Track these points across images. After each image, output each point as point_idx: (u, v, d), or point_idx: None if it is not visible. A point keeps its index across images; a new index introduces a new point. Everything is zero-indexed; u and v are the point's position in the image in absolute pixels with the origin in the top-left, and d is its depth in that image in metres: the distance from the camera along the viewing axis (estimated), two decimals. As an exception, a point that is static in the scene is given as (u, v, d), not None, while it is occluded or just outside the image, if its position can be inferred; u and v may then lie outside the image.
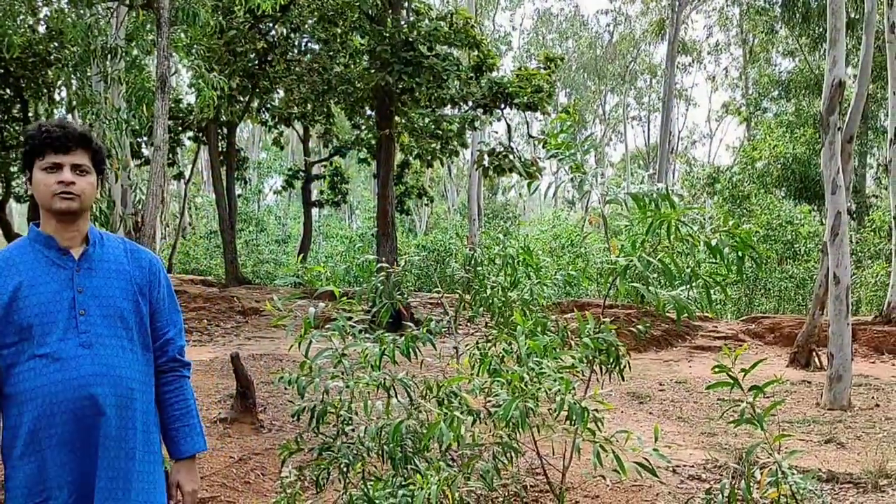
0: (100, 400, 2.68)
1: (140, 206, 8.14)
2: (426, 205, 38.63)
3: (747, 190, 25.26)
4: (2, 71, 22.72)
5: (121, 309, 2.80)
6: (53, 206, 2.73)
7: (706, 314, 18.59)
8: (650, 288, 3.79)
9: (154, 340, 2.94)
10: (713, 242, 3.44)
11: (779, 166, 25.20)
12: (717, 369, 3.52)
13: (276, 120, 25.56)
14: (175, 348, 2.99)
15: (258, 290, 22.34)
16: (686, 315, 3.81)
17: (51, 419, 2.66)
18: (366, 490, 4.30)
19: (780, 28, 31.23)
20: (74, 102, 6.94)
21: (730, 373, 3.48)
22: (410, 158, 24.77)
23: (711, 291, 3.70)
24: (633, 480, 5.83)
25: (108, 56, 6.85)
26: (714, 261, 3.65)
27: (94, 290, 2.77)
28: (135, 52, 7.20)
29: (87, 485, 2.69)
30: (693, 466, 6.72)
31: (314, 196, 30.59)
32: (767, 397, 9.61)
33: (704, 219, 3.65)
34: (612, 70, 55.44)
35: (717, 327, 18.31)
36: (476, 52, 18.82)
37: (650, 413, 9.88)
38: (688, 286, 3.76)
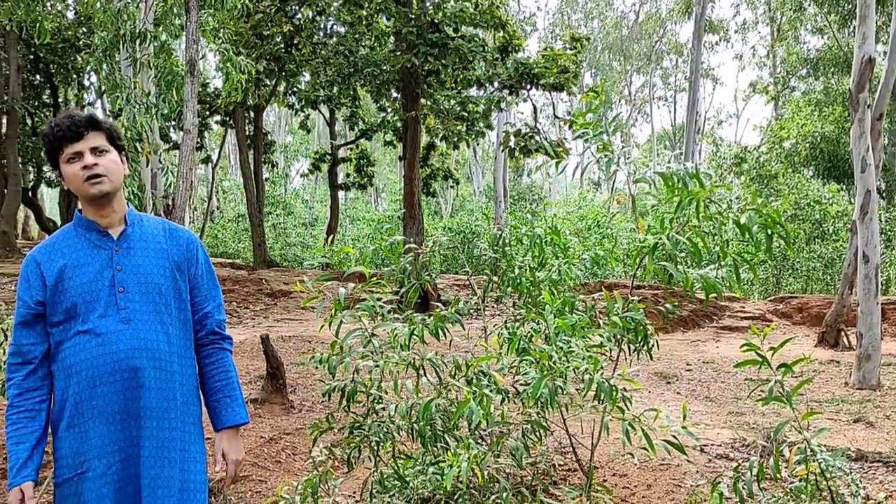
0: (140, 372, 2.78)
1: (171, 190, 8.22)
2: (452, 187, 38.62)
3: (775, 169, 25.05)
4: (32, 57, 22.95)
5: (159, 285, 2.90)
6: (88, 193, 2.85)
7: (733, 294, 18.53)
8: (678, 267, 3.80)
9: (193, 315, 3.03)
10: (742, 220, 3.44)
11: (807, 145, 24.97)
12: (745, 348, 3.53)
13: (303, 103, 25.61)
14: (214, 321, 3.08)
15: (286, 272, 22.47)
16: (714, 294, 3.82)
17: (93, 391, 2.77)
18: (396, 468, 4.36)
19: (809, 5, 30.83)
20: (104, 87, 7.01)
21: (758, 351, 3.48)
22: (436, 141, 24.76)
23: (740, 270, 3.70)
24: (661, 459, 5.85)
25: (138, 41, 6.91)
26: (742, 240, 3.65)
27: (132, 268, 2.87)
28: (163, 36, 7.24)
29: (131, 455, 2.79)
30: (721, 445, 6.72)
31: (340, 179, 30.65)
32: (795, 377, 9.58)
33: (731, 199, 3.64)
34: (638, 50, 55.09)
35: (744, 307, 18.23)
36: (501, 33, 18.76)
37: (677, 393, 9.88)
38: (716, 265, 3.77)
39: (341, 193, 32.21)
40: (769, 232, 3.45)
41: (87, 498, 2.76)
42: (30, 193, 26.79)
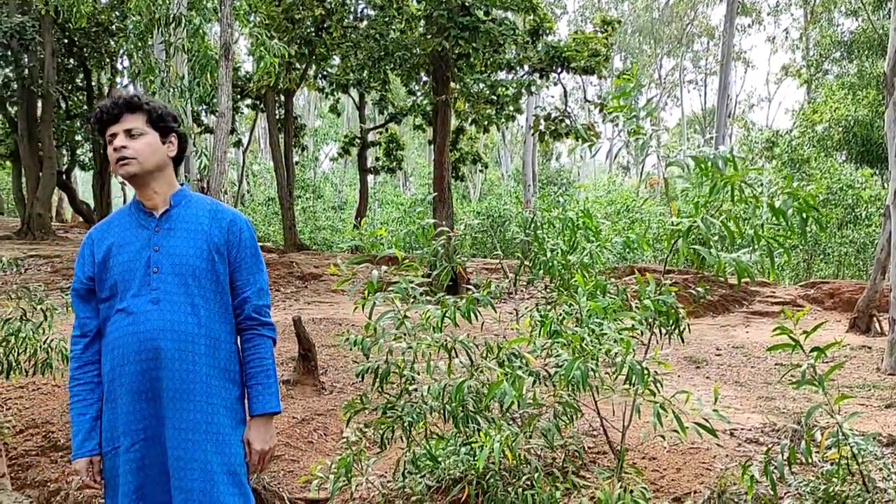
0: (163, 353, 2.82)
1: (205, 173, 8.28)
2: (480, 171, 38.59)
3: (807, 154, 24.79)
4: (66, 41, 23.13)
5: (193, 267, 2.91)
6: (117, 173, 2.93)
7: (764, 279, 18.41)
8: (711, 251, 3.80)
9: (233, 299, 3.04)
10: (777, 204, 3.44)
11: (840, 129, 24.64)
12: (777, 332, 3.53)
13: (333, 87, 25.66)
14: (251, 307, 3.03)
15: (316, 255, 22.60)
16: (746, 278, 3.81)
17: (122, 368, 2.84)
18: (428, 448, 4.41)
19: (843, -14, 30.45)
20: (139, 71, 7.07)
21: (791, 335, 3.48)
22: (465, 125, 24.74)
23: (774, 255, 3.70)
24: (691, 443, 5.86)
25: (172, 25, 6.97)
26: (773, 224, 3.64)
27: (169, 249, 2.91)
28: (197, 20, 7.29)
29: (155, 434, 2.84)
30: (751, 430, 6.71)
31: (369, 163, 30.72)
32: (826, 362, 9.53)
33: (764, 183, 3.64)
34: (669, 33, 54.61)
35: (774, 292, 18.10)
36: (532, 16, 18.69)
37: (707, 377, 9.86)
38: (750, 249, 3.76)
39: (370, 177, 32.31)
40: (804, 216, 3.45)
41: (119, 472, 2.84)
42: (64, 176, 27.06)
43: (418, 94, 25.05)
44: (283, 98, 25.73)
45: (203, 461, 2.84)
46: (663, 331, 4.18)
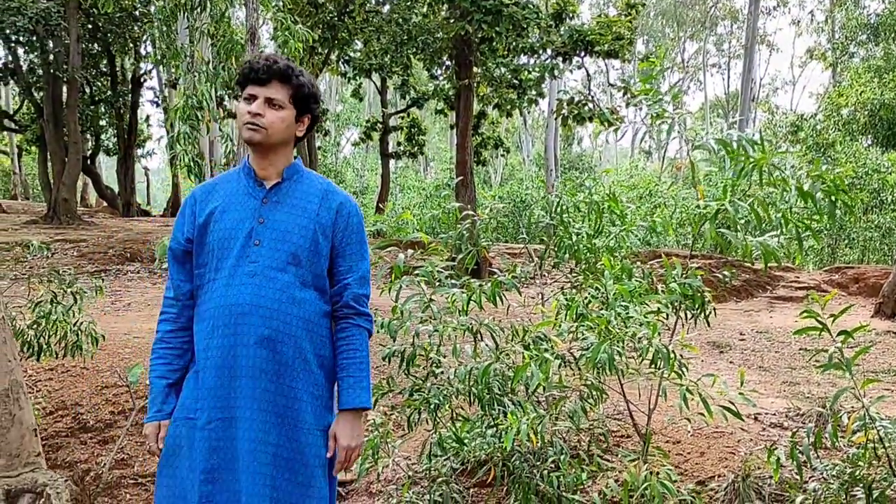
0: (251, 329, 2.72)
1: (232, 157, 8.33)
2: (502, 156, 38.53)
3: (832, 138, 24.58)
4: (90, 27, 23.25)
5: (295, 245, 2.80)
6: (242, 136, 2.81)
7: (789, 264, 18.30)
8: (738, 234, 3.79)
9: (333, 285, 2.92)
10: (806, 187, 3.43)
11: (865, 113, 24.40)
12: (804, 314, 3.52)
13: (356, 71, 25.66)
14: (351, 294, 2.89)
15: (338, 240, 22.62)
16: (772, 262, 3.80)
17: (210, 341, 2.76)
18: (454, 430, 4.44)
19: (870, -31, 30.12)
20: (166, 56, 7.11)
21: (818, 318, 3.47)
22: (488, 109, 24.69)
23: (802, 238, 3.68)
24: (715, 427, 5.87)
25: (198, 9, 6.99)
26: (801, 208, 3.63)
27: (273, 223, 2.80)
28: (222, 4, 7.31)
29: (234, 413, 2.73)
30: (775, 414, 6.71)
31: (391, 147, 30.75)
32: (851, 347, 9.49)
33: (787, 167, 3.62)
34: (692, 16, 54.20)
35: (798, 277, 18.00)
36: (555, 0, 18.60)
37: (731, 362, 9.85)
38: (778, 233, 3.75)
39: (392, 162, 32.34)
40: (832, 198, 3.43)
41: (184, 443, 2.75)
42: (88, 161, 27.23)
43: (440, 78, 24.99)
44: (305, 82, 25.72)
45: (276, 445, 2.72)
46: (688, 315, 4.17)
